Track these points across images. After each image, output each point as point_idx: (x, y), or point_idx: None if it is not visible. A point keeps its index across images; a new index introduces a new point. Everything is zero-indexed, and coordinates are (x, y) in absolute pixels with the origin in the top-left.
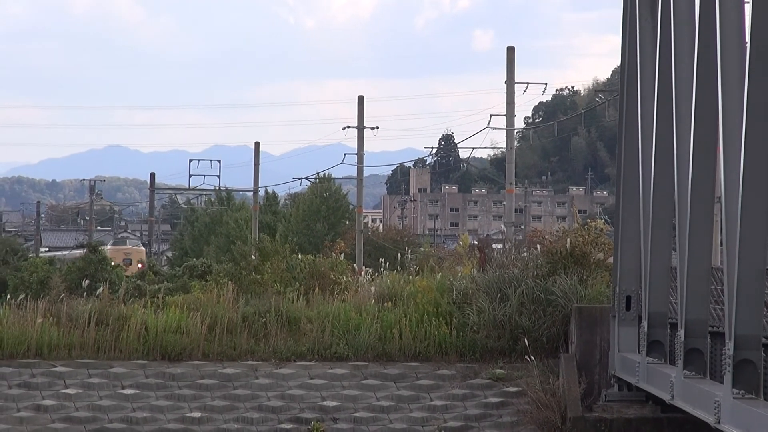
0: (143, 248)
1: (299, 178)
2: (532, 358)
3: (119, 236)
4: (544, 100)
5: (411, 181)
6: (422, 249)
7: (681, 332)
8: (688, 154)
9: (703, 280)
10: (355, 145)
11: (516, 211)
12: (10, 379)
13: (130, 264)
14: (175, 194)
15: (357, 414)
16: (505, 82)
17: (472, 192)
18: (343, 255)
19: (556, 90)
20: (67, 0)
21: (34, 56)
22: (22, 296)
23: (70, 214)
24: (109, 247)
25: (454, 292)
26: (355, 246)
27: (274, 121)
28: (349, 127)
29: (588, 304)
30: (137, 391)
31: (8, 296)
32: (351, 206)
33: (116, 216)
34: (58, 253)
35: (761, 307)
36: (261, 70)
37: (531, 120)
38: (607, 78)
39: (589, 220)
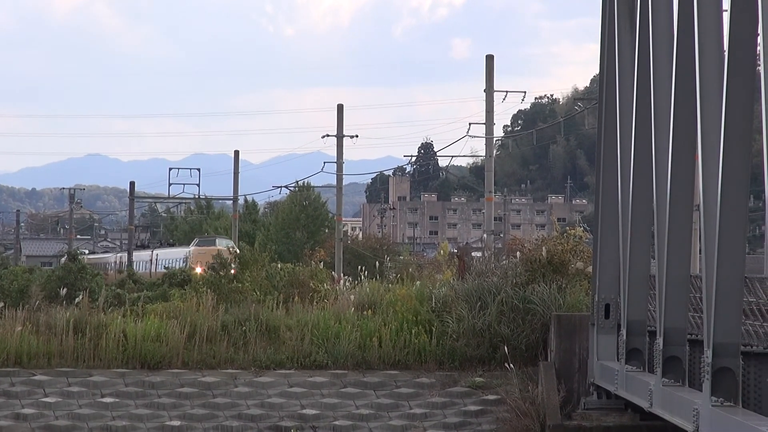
0: (237, 249)
1: (279, 187)
2: (512, 366)
3: (206, 238)
4: (523, 109)
5: (390, 190)
6: (402, 257)
7: (660, 340)
8: (666, 163)
9: (681, 288)
10: (335, 154)
11: (495, 219)
12: None
13: None
14: (155, 203)
15: (336, 422)
16: (484, 90)
17: (452, 200)
18: (322, 263)
19: (535, 98)
20: (46, 8)
21: (14, 64)
22: (1, 305)
23: (49, 222)
24: (192, 247)
25: (434, 301)
26: (334, 254)
27: (254, 129)
28: (328, 135)
29: (567, 312)
30: (117, 400)
31: None
32: (330, 214)
33: (96, 224)
34: (94, 256)
35: (740, 315)
36: (241, 79)
37: (510, 128)
38: (586, 86)
39: (568, 228)
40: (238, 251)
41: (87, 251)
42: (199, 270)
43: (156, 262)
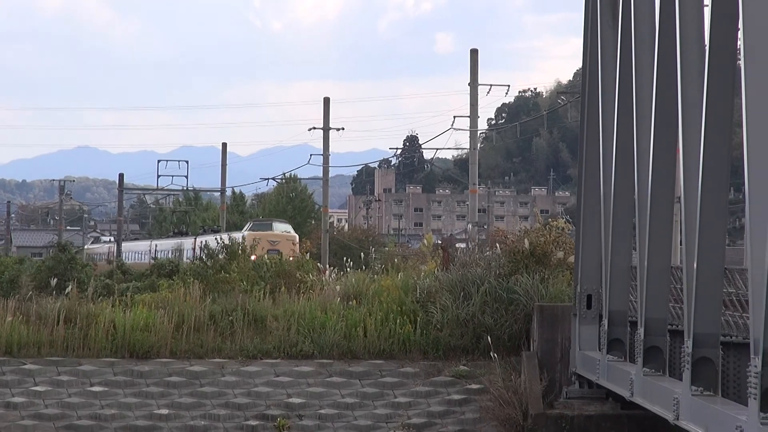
0: (295, 233)
1: (266, 179)
2: (495, 355)
3: (259, 221)
4: (507, 102)
5: (376, 182)
6: (387, 248)
7: (641, 330)
8: (648, 155)
9: (662, 279)
10: (321, 146)
11: (479, 211)
12: None
13: (279, 255)
14: (144, 194)
15: (322, 411)
16: (469, 84)
17: (436, 192)
18: (308, 254)
19: (519, 92)
20: (36, 2)
21: (4, 58)
22: None
23: (40, 213)
24: (247, 232)
25: (418, 291)
26: (320, 245)
27: (242, 122)
28: (315, 128)
29: (549, 302)
30: (106, 389)
31: None
32: (317, 206)
33: (85, 216)
34: (130, 243)
35: (719, 305)
36: (229, 72)
37: (494, 121)
38: (569, 80)
39: (550, 220)
40: (296, 236)
41: (110, 238)
42: (253, 258)
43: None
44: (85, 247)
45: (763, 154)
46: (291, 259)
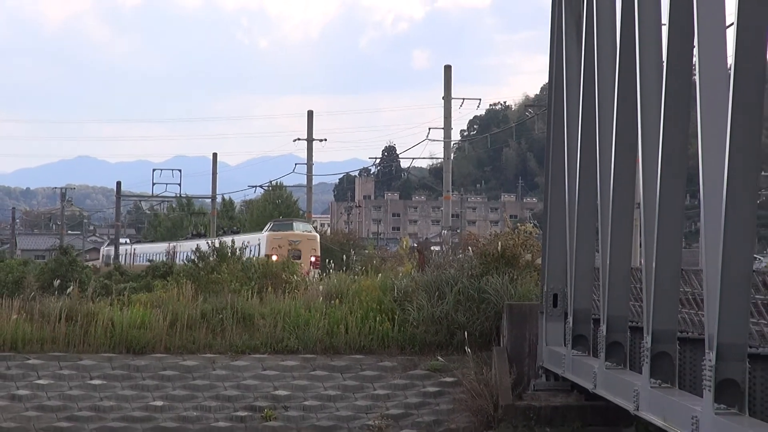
0: (316, 233)
1: (254, 186)
2: (468, 350)
3: (285, 222)
4: (479, 114)
5: (356, 189)
6: (366, 251)
7: (603, 327)
8: (609, 164)
9: (623, 279)
10: (305, 156)
11: (453, 216)
12: None
13: (299, 258)
14: (140, 201)
15: (306, 402)
16: (443, 97)
17: (413, 199)
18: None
19: (490, 105)
20: (38, 20)
21: (9, 72)
22: None
23: (43, 219)
24: (267, 232)
25: (396, 291)
26: None
27: (231, 133)
28: (299, 139)
29: (518, 301)
30: (104, 382)
31: None
32: (301, 212)
33: (85, 221)
34: (148, 245)
35: (676, 304)
36: (219, 86)
37: (466, 132)
38: (536, 94)
39: (519, 225)
40: (317, 236)
41: (127, 240)
42: (275, 258)
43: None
44: (102, 248)
45: (716, 163)
46: (314, 259)
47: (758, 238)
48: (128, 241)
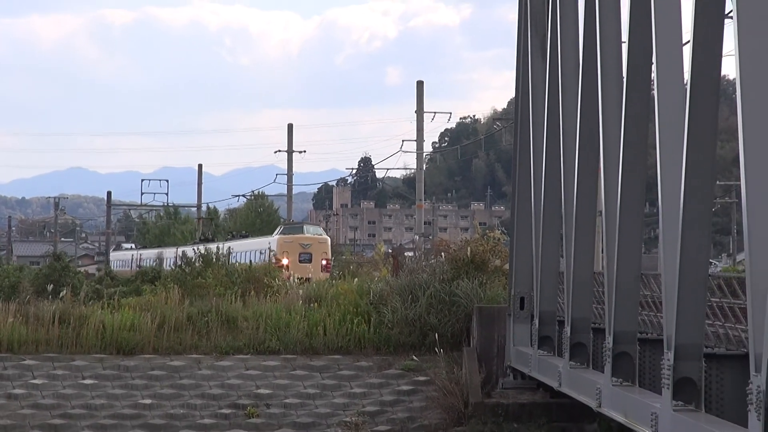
0: (327, 237)
1: (237, 196)
2: (440, 351)
3: (294, 224)
4: (449, 127)
5: (334, 198)
6: (344, 257)
7: (567, 328)
8: (573, 174)
9: (587, 283)
10: (286, 167)
11: (425, 223)
12: None
13: (309, 261)
14: (129, 210)
15: (287, 400)
16: (415, 111)
17: (387, 207)
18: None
19: (460, 118)
20: (33, 38)
21: (5, 88)
22: None
23: (37, 227)
24: (278, 236)
25: (372, 295)
26: None
27: (216, 145)
28: (280, 150)
29: (487, 304)
30: (96, 382)
31: None
32: (282, 220)
33: (77, 229)
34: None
35: (636, 306)
36: (204, 101)
37: (438, 144)
38: (504, 108)
39: (488, 231)
40: (328, 239)
41: (132, 245)
42: (285, 262)
43: (230, 256)
44: (110, 254)
45: (674, 172)
46: (325, 262)
47: (713, 243)
48: (133, 246)
